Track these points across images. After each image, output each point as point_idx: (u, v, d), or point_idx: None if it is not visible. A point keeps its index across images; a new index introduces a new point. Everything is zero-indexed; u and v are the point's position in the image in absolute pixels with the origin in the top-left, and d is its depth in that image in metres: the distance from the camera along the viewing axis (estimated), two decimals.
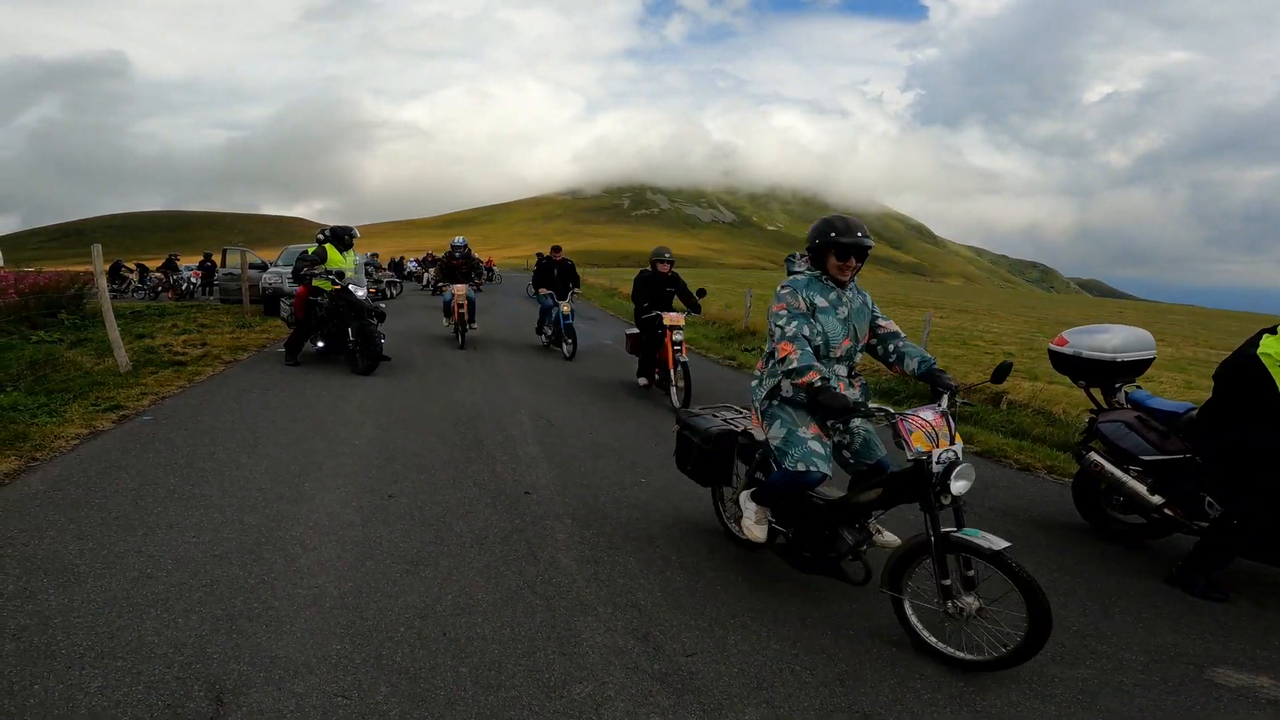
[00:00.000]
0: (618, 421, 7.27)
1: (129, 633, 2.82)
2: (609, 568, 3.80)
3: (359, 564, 3.59)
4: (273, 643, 2.83)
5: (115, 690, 2.45)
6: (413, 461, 5.37)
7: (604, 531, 4.28)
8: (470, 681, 2.69)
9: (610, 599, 3.46)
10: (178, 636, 2.82)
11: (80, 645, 2.72)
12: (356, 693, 2.56)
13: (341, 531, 3.97)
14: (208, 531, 3.83)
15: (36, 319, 13.42)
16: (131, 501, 4.19)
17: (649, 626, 3.23)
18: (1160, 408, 4.63)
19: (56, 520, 3.86)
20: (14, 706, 2.35)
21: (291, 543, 3.77)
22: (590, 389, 9.11)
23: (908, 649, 3.21)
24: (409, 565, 3.62)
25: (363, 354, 9.03)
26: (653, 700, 2.69)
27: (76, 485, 4.43)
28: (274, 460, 5.15)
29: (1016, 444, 7.32)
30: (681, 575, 3.78)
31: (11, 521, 3.82)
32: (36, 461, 4.87)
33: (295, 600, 3.18)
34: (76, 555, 3.45)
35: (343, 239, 9.76)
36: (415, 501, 4.53)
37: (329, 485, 4.72)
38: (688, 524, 4.51)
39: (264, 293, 16.72)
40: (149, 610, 3.00)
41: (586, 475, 5.32)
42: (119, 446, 5.28)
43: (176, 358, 9.41)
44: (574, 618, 3.25)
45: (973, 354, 16.46)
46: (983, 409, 8.89)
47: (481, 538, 4.04)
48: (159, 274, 27.69)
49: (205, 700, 2.44)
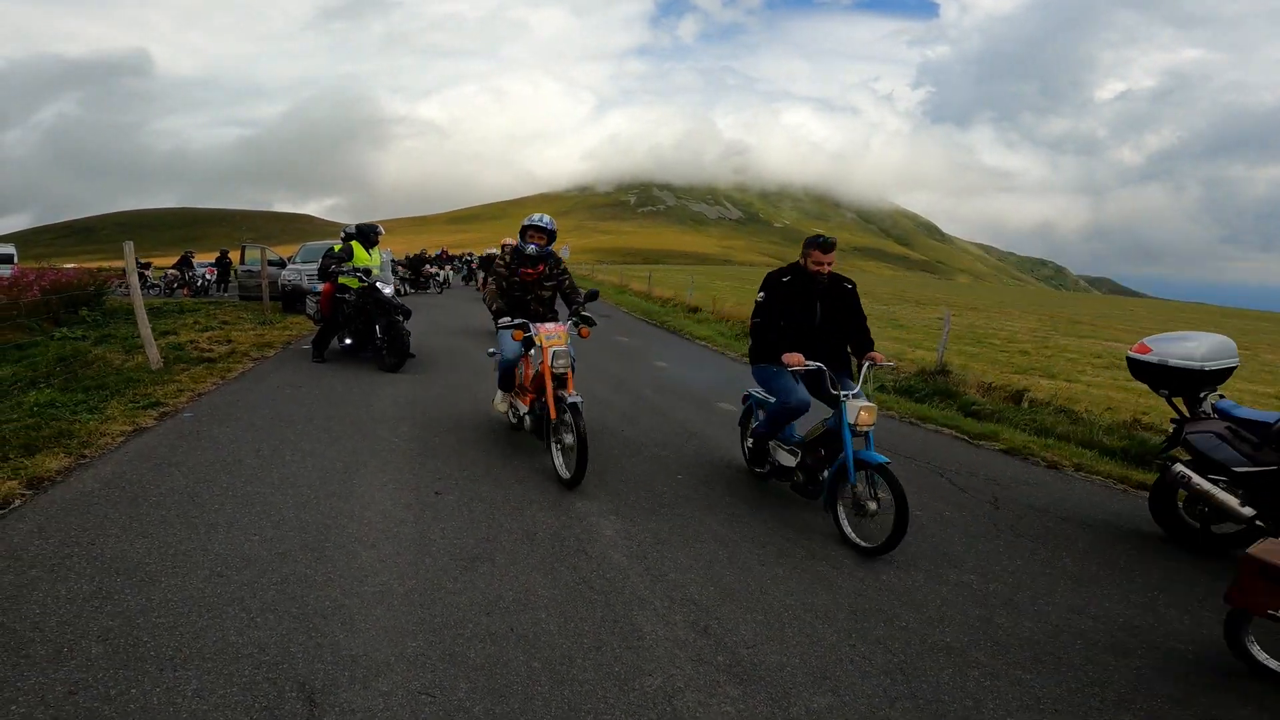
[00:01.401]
0: (643, 418, 7.34)
1: (213, 633, 2.90)
2: (659, 563, 3.88)
3: (418, 561, 3.67)
4: (350, 640, 2.91)
5: (212, 693, 2.51)
6: (453, 458, 5.46)
7: (649, 528, 4.36)
8: (544, 676, 2.77)
9: (666, 594, 3.54)
10: (260, 637, 2.89)
11: (168, 647, 2.78)
12: (439, 690, 2.63)
13: (396, 528, 4.06)
14: (268, 529, 3.91)
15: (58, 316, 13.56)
16: (188, 499, 4.28)
17: (707, 620, 3.31)
18: (1249, 417, 4.47)
19: (118, 519, 3.95)
20: (115, 712, 2.39)
21: (350, 540, 3.85)
22: (614, 386, 9.19)
23: (962, 639, 3.30)
24: (466, 562, 3.70)
25: (390, 351, 9.12)
26: (721, 690, 2.77)
27: (130, 483, 4.52)
28: (319, 458, 5.24)
29: (1041, 442, 7.37)
30: (730, 571, 3.86)
31: (73, 520, 3.90)
32: (86, 459, 4.96)
33: (364, 597, 3.26)
34: (145, 554, 3.53)
35: (369, 237, 9.84)
36: (462, 498, 4.62)
37: (376, 482, 4.81)
38: (730, 520, 4.59)
39: (283, 289, 16.84)
40: (227, 610, 3.08)
41: (624, 473, 5.40)
42: (166, 444, 5.38)
43: (205, 355, 9.52)
44: (633, 612, 3.33)
45: (989, 352, 16.49)
46: (1005, 408, 8.93)
47: (531, 534, 4.12)
48: (174, 271, 27.86)
49: (299, 701, 2.50)
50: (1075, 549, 4.61)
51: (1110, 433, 7.77)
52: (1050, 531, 4.91)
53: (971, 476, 6.03)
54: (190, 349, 9.97)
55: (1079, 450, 7.18)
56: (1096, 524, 5.13)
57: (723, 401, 8.38)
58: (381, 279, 9.52)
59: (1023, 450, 7.02)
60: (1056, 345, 19.44)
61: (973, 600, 3.77)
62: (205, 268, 28.56)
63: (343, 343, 9.76)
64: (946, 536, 4.64)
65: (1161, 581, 4.20)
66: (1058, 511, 5.33)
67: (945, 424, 8.04)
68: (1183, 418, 4.81)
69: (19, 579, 3.22)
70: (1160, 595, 4.01)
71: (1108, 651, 3.33)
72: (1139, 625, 3.62)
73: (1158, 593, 4.04)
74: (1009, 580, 4.06)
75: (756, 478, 5.44)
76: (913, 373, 11.01)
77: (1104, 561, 4.45)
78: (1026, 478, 6.17)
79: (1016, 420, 8.40)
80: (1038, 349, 18.03)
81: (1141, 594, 4.02)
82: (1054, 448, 7.19)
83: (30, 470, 4.55)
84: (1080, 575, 4.22)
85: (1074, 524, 5.09)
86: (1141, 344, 4.89)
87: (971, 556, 4.35)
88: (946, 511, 5.11)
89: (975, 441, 7.37)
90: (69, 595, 3.11)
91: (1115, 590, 4.04)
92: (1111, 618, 3.70)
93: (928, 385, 10.06)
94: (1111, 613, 3.75)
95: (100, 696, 2.45)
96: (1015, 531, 4.84)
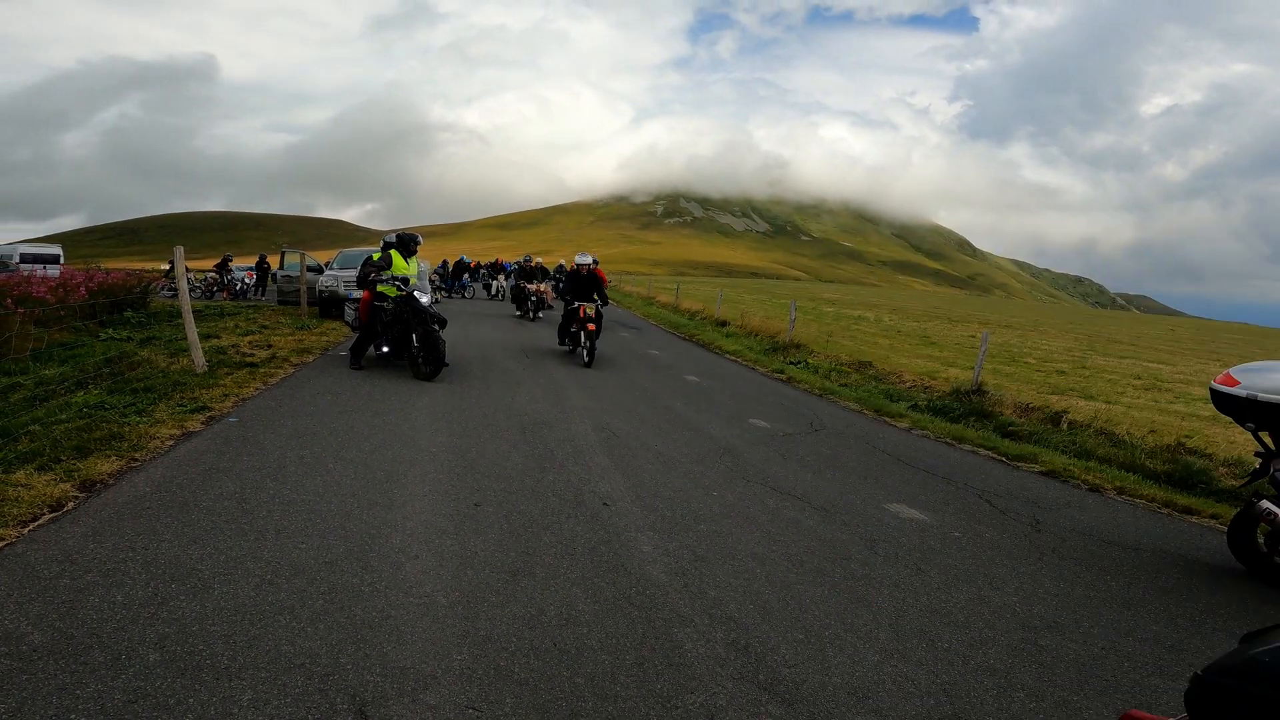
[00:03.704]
0: (677, 433, 7.36)
1: (265, 642, 2.95)
2: (698, 580, 3.88)
3: (461, 573, 3.71)
4: (398, 652, 2.95)
5: (266, 704, 2.54)
6: (491, 470, 5.51)
7: (686, 544, 4.36)
8: (588, 693, 2.79)
9: (705, 610, 3.54)
10: (311, 646, 2.94)
11: (223, 655, 2.82)
12: (485, 704, 2.66)
13: (438, 540, 4.11)
14: (314, 538, 3.98)
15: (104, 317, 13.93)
16: (237, 505, 4.37)
17: (747, 638, 3.31)
18: None
19: (170, 524, 4.03)
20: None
21: (394, 550, 3.91)
22: (646, 398, 9.22)
23: (1006, 661, 3.28)
24: (508, 575, 3.73)
25: (425, 360, 9.24)
26: (765, 709, 2.76)
27: (181, 488, 4.62)
28: (360, 466, 5.33)
29: (1082, 464, 7.27)
30: (769, 588, 3.85)
31: (126, 525, 3.99)
32: (137, 462, 5.09)
33: (409, 609, 3.30)
34: (197, 560, 3.61)
35: (408, 246, 9.99)
36: (500, 511, 4.66)
37: (417, 492, 4.87)
38: (767, 538, 4.58)
39: (320, 295, 17.12)
40: (278, 618, 3.13)
41: (659, 489, 5.41)
42: (213, 449, 5.50)
43: (247, 359, 9.71)
44: (674, 629, 3.34)
45: (1024, 371, 16.26)
46: (1043, 429, 8.81)
47: (570, 549, 4.15)
48: (214, 273, 28.46)
49: (350, 713, 2.53)
50: (1120, 572, 4.56)
51: (1153, 456, 7.64)
52: (1094, 555, 4.84)
53: (1011, 499, 5.96)
54: (232, 353, 10.18)
55: (1121, 473, 7.08)
56: (1142, 548, 5.06)
57: (755, 418, 8.37)
58: (419, 288, 9.66)
59: (1063, 472, 6.93)
60: (1094, 365, 19.10)
61: (1016, 622, 3.73)
62: (244, 271, 29.15)
63: (379, 350, 9.91)
64: (988, 558, 4.59)
65: (1209, 605, 4.16)
66: (1101, 535, 5.25)
67: (982, 445, 7.96)
68: (1270, 452, 4.64)
69: (75, 583, 3.29)
70: (1208, 619, 3.97)
71: (1155, 674, 3.31)
72: (1186, 648, 3.59)
73: (1205, 616, 4.00)
74: (1053, 602, 4.02)
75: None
76: (947, 392, 10.91)
77: (1150, 585, 4.40)
78: (1068, 500, 6.09)
79: (1055, 442, 8.29)
80: (1074, 369, 17.73)
81: (1189, 617, 3.97)
82: (1095, 470, 7.09)
83: (83, 473, 4.68)
84: (1126, 598, 4.17)
85: (1119, 548, 5.02)
86: (1227, 375, 4.64)
87: (1014, 578, 4.31)
88: (987, 533, 5.05)
89: (1013, 463, 7.29)
90: (125, 601, 3.18)
91: (1162, 613, 3.99)
92: (1159, 640, 3.66)
93: (962, 405, 9.96)
94: (1159, 635, 3.71)
95: (158, 705, 2.49)
96: (1058, 554, 4.78)
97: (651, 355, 14.53)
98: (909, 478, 6.39)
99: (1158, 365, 20.86)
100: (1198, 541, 5.38)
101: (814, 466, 6.50)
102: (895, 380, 12.38)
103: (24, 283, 12.66)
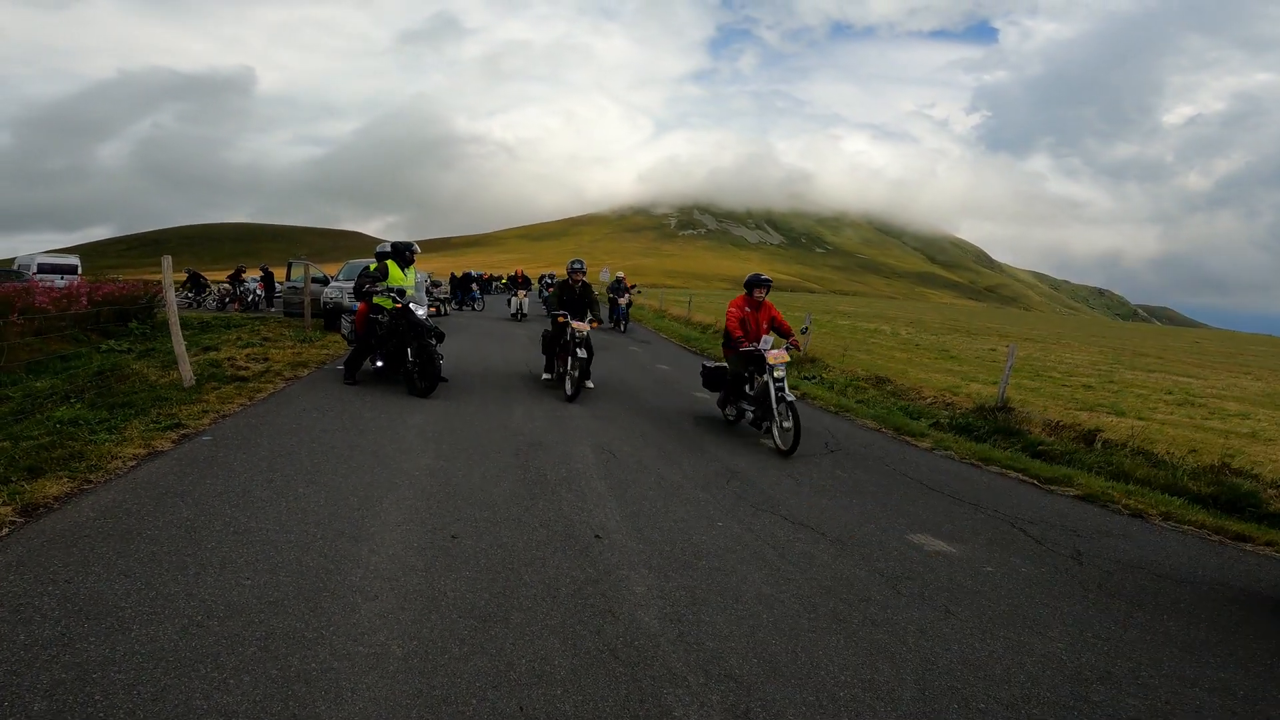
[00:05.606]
0: (683, 456, 6.87)
1: (175, 695, 2.51)
2: (695, 627, 3.41)
3: (424, 617, 3.25)
4: (332, 714, 2.49)
5: None
6: (475, 497, 5.05)
7: (684, 584, 3.88)
8: None
9: (701, 666, 3.06)
10: (227, 703, 2.50)
11: (120, 708, 2.40)
12: None
13: (404, 577, 3.65)
14: (263, 573, 3.54)
15: (108, 328, 13.67)
16: (185, 534, 3.94)
17: (748, 701, 2.83)
18: None
19: (105, 554, 3.62)
20: None
21: (351, 590, 3.45)
22: (652, 417, 8.75)
23: None
24: (478, 621, 3.27)
25: (421, 375, 8.81)
26: None
27: (129, 514, 4.20)
28: (332, 491, 4.89)
29: (1122, 488, 6.73)
30: (776, 638, 3.37)
31: (56, 555, 3.58)
32: (90, 484, 4.68)
33: (356, 661, 2.85)
34: (122, 596, 3.18)
35: (404, 255, 9.58)
36: (480, 544, 4.19)
37: (390, 522, 4.42)
38: (775, 577, 4.09)
39: (325, 307, 16.82)
40: (198, 667, 2.69)
41: (659, 519, 4.93)
42: (176, 470, 5.08)
43: (239, 373, 9.34)
44: (663, 690, 2.86)
45: (1049, 386, 15.64)
46: (1075, 449, 8.25)
47: (553, 589, 3.68)
48: (226, 285, 28.36)
49: None
50: (1177, 610, 4.06)
51: (1196, 478, 7.09)
52: (1145, 590, 4.33)
53: (1048, 526, 5.43)
54: (226, 366, 9.81)
55: (1164, 497, 6.53)
56: (1198, 581, 4.54)
57: (766, 438, 7.87)
58: (415, 300, 9.25)
59: (1101, 496, 6.38)
60: (1122, 380, 18.41)
61: (1063, 674, 3.24)
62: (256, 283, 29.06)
63: (374, 364, 9.50)
64: (1026, 596, 4.08)
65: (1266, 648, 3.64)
66: (1151, 567, 4.73)
67: (1011, 466, 7.40)
68: None
69: None
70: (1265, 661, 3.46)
71: (1197, 712, 2.92)
72: (1263, 697, 3.12)
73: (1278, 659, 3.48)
74: (1104, 649, 3.52)
75: None
76: (970, 409, 10.34)
77: (1213, 624, 3.89)
78: (1109, 528, 5.55)
79: (1089, 462, 7.73)
80: (1101, 383, 17.07)
81: (1260, 660, 3.49)
82: (1136, 494, 6.55)
83: (28, 495, 4.28)
84: (1188, 641, 3.67)
85: (1172, 581, 4.51)
86: None
87: (1057, 620, 3.80)
88: (1024, 567, 4.53)
89: (1046, 486, 6.74)
90: (27, 640, 2.77)
91: (1229, 657, 3.51)
92: (1229, 689, 3.18)
93: (987, 423, 9.39)
94: (1229, 683, 3.23)
95: None
96: (1105, 590, 4.27)
97: (660, 370, 14.05)
98: (933, 504, 5.87)
99: (1187, 379, 20.13)
100: (1257, 572, 4.85)
101: (829, 492, 5.99)
102: (915, 396, 11.81)
103: (25, 293, 12.42)
